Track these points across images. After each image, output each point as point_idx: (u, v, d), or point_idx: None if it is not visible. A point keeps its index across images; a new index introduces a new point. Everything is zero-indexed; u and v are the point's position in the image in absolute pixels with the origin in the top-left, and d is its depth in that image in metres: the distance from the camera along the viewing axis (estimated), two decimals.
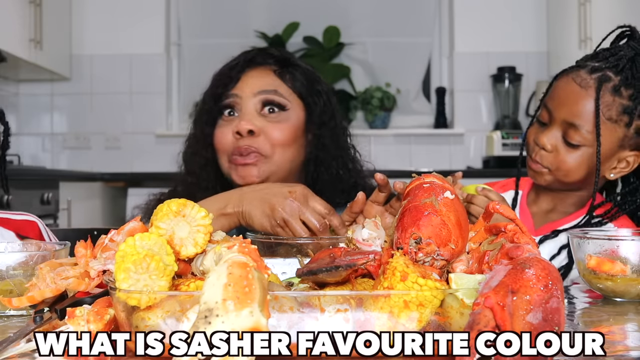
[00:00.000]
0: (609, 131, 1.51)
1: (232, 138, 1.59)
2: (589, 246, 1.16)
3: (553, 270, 0.73)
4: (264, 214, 1.37)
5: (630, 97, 1.50)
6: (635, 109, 1.50)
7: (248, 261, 0.71)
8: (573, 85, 1.53)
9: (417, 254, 0.84)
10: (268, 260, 0.91)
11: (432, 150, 4.71)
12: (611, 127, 1.51)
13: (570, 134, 1.52)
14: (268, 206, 1.37)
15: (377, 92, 4.66)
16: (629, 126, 1.51)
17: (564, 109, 1.53)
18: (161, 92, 4.77)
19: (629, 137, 1.53)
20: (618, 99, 1.50)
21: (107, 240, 0.90)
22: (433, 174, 0.99)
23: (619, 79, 1.50)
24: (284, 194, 1.37)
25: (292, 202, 1.35)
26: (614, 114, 1.50)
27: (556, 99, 1.56)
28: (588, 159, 1.53)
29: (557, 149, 1.55)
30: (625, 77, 1.50)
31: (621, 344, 0.86)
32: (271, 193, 1.39)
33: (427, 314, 0.76)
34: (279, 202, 1.35)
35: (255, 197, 1.40)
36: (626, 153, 1.55)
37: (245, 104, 1.60)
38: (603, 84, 1.50)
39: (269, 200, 1.37)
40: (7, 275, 1.05)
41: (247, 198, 1.41)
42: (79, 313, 0.81)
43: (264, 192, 1.41)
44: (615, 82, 1.50)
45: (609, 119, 1.50)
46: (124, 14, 4.74)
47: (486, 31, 4.63)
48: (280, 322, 0.75)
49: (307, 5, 4.81)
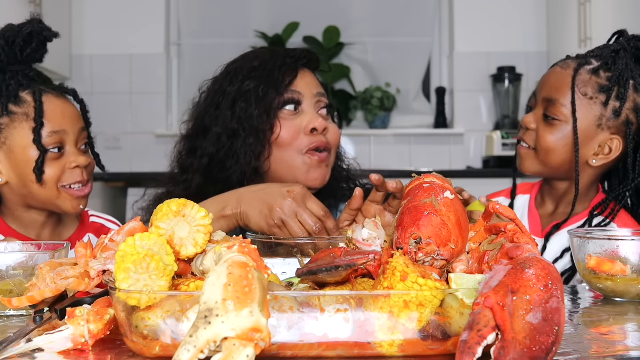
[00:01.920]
0: (584, 107, 1.55)
1: (303, 135, 1.59)
2: (589, 246, 1.16)
3: (553, 270, 0.73)
4: (261, 214, 1.37)
5: (609, 79, 1.55)
6: (612, 89, 1.54)
7: (248, 261, 0.71)
8: (556, 69, 1.62)
9: (417, 254, 0.84)
10: (268, 260, 0.91)
11: (432, 150, 4.70)
12: (587, 103, 1.55)
13: (549, 109, 1.58)
14: (266, 206, 1.37)
15: (377, 92, 4.65)
16: (605, 105, 1.54)
17: (545, 88, 1.62)
18: (161, 92, 4.77)
19: (607, 118, 1.55)
20: (595, 78, 1.55)
21: (107, 240, 0.90)
22: (433, 174, 0.99)
23: (600, 64, 1.57)
24: (283, 194, 1.37)
25: (291, 202, 1.36)
26: (589, 91, 1.55)
27: (541, 82, 1.65)
28: (565, 137, 1.57)
29: (538, 127, 1.61)
30: (605, 63, 1.56)
31: (621, 344, 0.86)
32: (269, 193, 1.39)
33: (427, 314, 0.76)
34: (277, 203, 1.36)
35: (254, 197, 1.41)
36: (606, 135, 1.57)
37: (307, 103, 1.62)
38: (582, 66, 1.57)
39: (267, 201, 1.38)
40: (7, 275, 1.05)
41: (245, 199, 1.41)
42: (79, 313, 0.81)
43: (262, 192, 1.41)
44: (594, 66, 1.57)
45: (585, 94, 1.55)
46: (124, 14, 4.73)
47: (486, 31, 4.63)
48: (280, 322, 0.75)
49: (307, 5, 4.81)
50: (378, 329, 0.76)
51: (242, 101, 1.60)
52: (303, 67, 1.66)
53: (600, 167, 1.60)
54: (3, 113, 1.51)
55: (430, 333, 0.76)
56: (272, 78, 1.60)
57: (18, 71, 1.55)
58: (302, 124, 1.59)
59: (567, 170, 1.60)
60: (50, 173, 1.51)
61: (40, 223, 1.61)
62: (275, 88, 1.59)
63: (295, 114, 1.61)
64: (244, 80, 1.62)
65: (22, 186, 1.53)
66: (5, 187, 1.55)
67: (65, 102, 1.59)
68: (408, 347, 0.76)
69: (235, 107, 1.61)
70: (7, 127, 1.51)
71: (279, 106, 1.59)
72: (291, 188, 1.39)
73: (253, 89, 1.60)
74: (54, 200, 1.54)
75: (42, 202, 1.55)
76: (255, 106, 1.59)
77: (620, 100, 1.53)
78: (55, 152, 1.52)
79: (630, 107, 1.55)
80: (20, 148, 1.51)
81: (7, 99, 1.51)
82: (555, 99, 1.57)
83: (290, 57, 1.64)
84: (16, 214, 1.59)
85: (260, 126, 1.57)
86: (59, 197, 1.53)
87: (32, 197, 1.54)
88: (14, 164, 1.52)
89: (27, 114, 1.50)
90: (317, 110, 1.63)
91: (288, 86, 1.61)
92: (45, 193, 1.52)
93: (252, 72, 1.63)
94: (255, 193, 1.42)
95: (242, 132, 1.58)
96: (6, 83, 1.52)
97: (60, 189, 1.53)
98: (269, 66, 1.62)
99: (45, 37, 1.60)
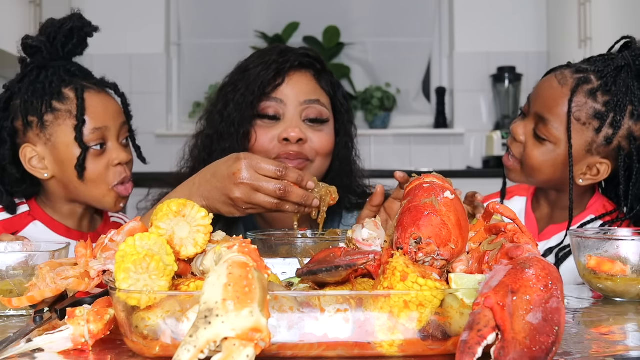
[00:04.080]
0: (576, 132, 1.49)
1: (276, 143, 1.58)
2: (589, 246, 1.16)
3: (553, 270, 0.73)
4: (226, 204, 1.31)
5: (605, 104, 1.48)
6: (607, 116, 1.47)
7: (248, 261, 0.71)
8: (553, 81, 1.54)
9: (417, 254, 0.84)
10: (268, 260, 0.91)
11: (432, 150, 4.70)
12: (579, 128, 1.50)
13: (540, 127, 1.53)
14: (225, 197, 1.30)
15: (377, 92, 4.65)
16: (598, 132, 1.49)
17: (539, 102, 1.56)
18: (161, 92, 4.77)
19: (598, 144, 1.50)
20: (591, 102, 1.48)
21: (107, 240, 0.90)
22: (433, 174, 0.99)
23: (599, 83, 1.49)
24: (231, 179, 1.28)
25: (242, 184, 1.27)
26: (583, 116, 1.49)
27: (536, 92, 1.59)
28: (553, 159, 1.53)
29: (527, 140, 1.56)
30: (605, 83, 1.48)
31: (621, 344, 0.86)
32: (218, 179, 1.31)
33: (427, 314, 0.76)
34: (231, 190, 1.28)
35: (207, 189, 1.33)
36: (595, 159, 1.52)
37: (290, 111, 1.59)
38: (581, 85, 1.49)
39: (222, 190, 1.30)
40: (7, 275, 1.05)
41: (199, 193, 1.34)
42: (79, 313, 0.81)
43: (211, 182, 1.33)
44: (593, 86, 1.49)
45: (578, 119, 1.49)
46: (124, 14, 4.73)
47: (486, 31, 4.63)
48: (280, 322, 0.75)
49: (307, 5, 4.81)
50: (378, 329, 0.76)
51: (230, 105, 1.61)
52: (299, 69, 1.63)
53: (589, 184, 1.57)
54: (47, 110, 1.52)
55: (430, 333, 0.76)
56: (254, 84, 1.59)
57: (60, 67, 1.57)
58: (277, 132, 1.58)
59: (554, 185, 1.58)
60: (92, 170, 1.53)
61: (79, 215, 1.64)
62: (256, 95, 1.58)
63: (274, 123, 1.59)
64: (237, 83, 1.63)
65: (67, 182, 1.55)
66: (51, 181, 1.57)
67: (106, 97, 1.61)
68: (408, 347, 0.76)
69: (224, 111, 1.62)
70: (52, 124, 1.52)
71: (255, 115, 1.59)
72: (236, 167, 1.29)
73: (239, 94, 1.60)
74: (100, 198, 1.57)
75: (87, 198, 1.57)
76: (236, 112, 1.59)
77: (614, 128, 1.48)
78: (97, 149, 1.54)
79: (624, 134, 1.49)
80: (64, 145, 1.52)
81: (51, 96, 1.52)
82: (548, 119, 1.52)
83: (282, 59, 1.61)
84: (57, 205, 1.61)
85: (238, 133, 1.58)
86: (106, 196, 1.56)
87: (77, 192, 1.56)
88: (58, 161, 1.53)
89: (70, 111, 1.52)
90: (303, 118, 1.60)
91: (270, 93, 1.59)
92: (92, 191, 1.55)
93: (243, 75, 1.63)
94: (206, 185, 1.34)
95: (227, 135, 1.60)
96: (49, 79, 1.54)
97: (110, 188, 1.55)
98: (256, 70, 1.61)
99: (86, 33, 1.63)
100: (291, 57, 1.62)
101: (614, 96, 1.47)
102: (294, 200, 1.28)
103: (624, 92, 1.47)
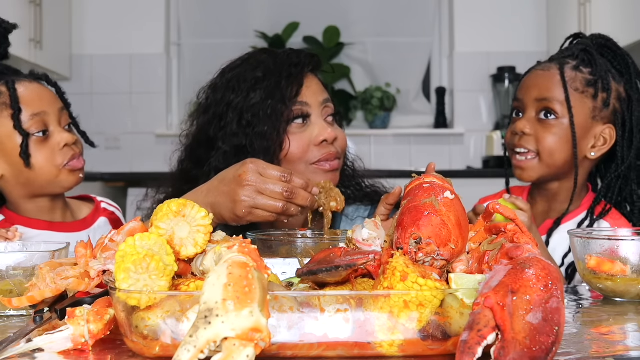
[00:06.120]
0: (578, 102, 1.59)
1: (313, 147, 1.55)
2: (589, 246, 1.16)
3: (553, 270, 0.73)
4: (229, 210, 1.31)
5: (591, 73, 1.60)
6: (597, 82, 1.59)
7: (248, 261, 0.71)
8: (539, 71, 1.65)
9: (417, 254, 0.84)
10: (268, 260, 0.91)
11: (432, 150, 4.70)
12: (579, 97, 1.59)
13: (544, 108, 1.60)
14: (229, 199, 1.30)
15: (377, 92, 4.65)
16: (595, 97, 1.59)
17: (533, 90, 1.63)
18: (161, 92, 4.77)
19: (599, 109, 1.60)
20: (579, 74, 1.60)
21: (107, 240, 0.90)
22: (433, 174, 0.99)
23: (577, 61, 1.62)
24: (237, 181, 1.29)
25: (248, 185, 1.28)
26: (579, 85, 1.59)
27: (524, 87, 1.66)
28: (565, 134, 1.59)
29: (535, 130, 1.62)
30: (582, 59, 1.62)
31: (621, 344, 0.86)
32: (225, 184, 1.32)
33: (427, 314, 0.76)
34: (236, 192, 1.29)
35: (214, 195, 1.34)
36: (600, 127, 1.61)
37: (314, 112, 1.58)
38: (564, 65, 1.61)
39: (228, 195, 1.31)
40: (7, 275, 1.05)
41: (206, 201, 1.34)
42: (79, 313, 0.81)
43: (219, 188, 1.33)
44: (573, 64, 1.62)
45: (576, 89, 1.59)
46: (124, 14, 4.73)
47: (486, 31, 4.63)
48: (280, 322, 0.75)
49: (307, 5, 4.81)
50: (378, 329, 0.76)
51: (249, 115, 1.55)
52: (311, 71, 1.62)
53: (596, 159, 1.63)
54: None
55: (430, 333, 0.76)
56: (278, 91, 1.55)
57: None
58: (311, 135, 1.55)
59: (570, 167, 1.62)
60: (38, 157, 1.53)
61: (48, 209, 1.63)
62: (283, 102, 1.54)
63: (303, 126, 1.56)
64: (249, 92, 1.57)
65: (17, 175, 1.54)
66: (4, 181, 1.56)
67: (39, 85, 1.61)
68: (408, 347, 0.76)
69: (242, 121, 1.55)
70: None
71: (288, 121, 1.55)
72: (242, 170, 1.30)
73: (260, 103, 1.54)
74: (54, 180, 1.56)
75: (42, 186, 1.57)
76: (263, 123, 1.53)
77: (606, 90, 1.59)
78: (40, 136, 1.54)
79: (615, 96, 1.60)
80: (6, 137, 1.52)
81: None
82: (549, 97, 1.59)
83: (294, 65, 1.58)
84: (22, 207, 1.60)
85: (269, 143, 1.52)
86: (59, 176, 1.56)
87: (30, 184, 1.56)
88: (5, 155, 1.53)
89: (5, 103, 1.52)
90: (324, 117, 1.60)
91: (295, 97, 1.56)
92: (43, 176, 1.54)
93: (257, 84, 1.57)
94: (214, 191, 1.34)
95: (250, 148, 1.53)
96: None
97: (60, 169, 1.55)
98: (275, 77, 1.56)
99: (5, 29, 1.62)
100: (304, 60, 1.61)
101: (594, 66, 1.60)
102: (300, 203, 1.28)
103: (601, 63, 1.61)
